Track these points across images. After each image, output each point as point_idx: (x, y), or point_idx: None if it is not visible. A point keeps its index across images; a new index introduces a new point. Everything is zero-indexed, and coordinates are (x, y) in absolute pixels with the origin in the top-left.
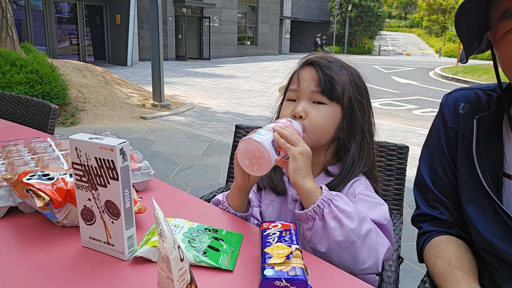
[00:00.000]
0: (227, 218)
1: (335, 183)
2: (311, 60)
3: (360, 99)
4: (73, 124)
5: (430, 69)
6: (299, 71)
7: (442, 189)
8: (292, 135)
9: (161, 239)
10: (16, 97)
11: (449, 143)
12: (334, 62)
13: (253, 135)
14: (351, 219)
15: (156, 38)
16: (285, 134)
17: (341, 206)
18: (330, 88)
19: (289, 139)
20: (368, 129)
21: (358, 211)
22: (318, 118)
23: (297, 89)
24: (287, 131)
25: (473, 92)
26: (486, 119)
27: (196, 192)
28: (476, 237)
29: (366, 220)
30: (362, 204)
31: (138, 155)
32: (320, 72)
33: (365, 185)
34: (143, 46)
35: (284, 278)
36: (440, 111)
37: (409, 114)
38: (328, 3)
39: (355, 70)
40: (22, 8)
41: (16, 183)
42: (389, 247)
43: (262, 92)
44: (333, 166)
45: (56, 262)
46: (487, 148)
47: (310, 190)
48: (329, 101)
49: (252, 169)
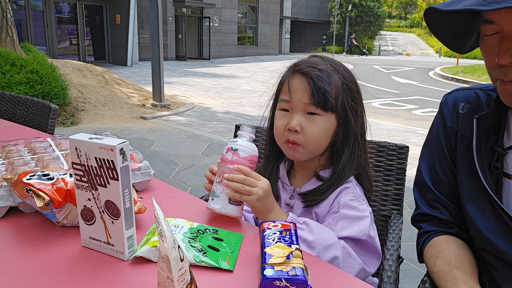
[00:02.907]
0: (227, 218)
1: (324, 187)
2: (302, 69)
3: (354, 105)
4: (73, 124)
5: (430, 69)
6: (289, 80)
7: (442, 189)
8: (242, 187)
9: (161, 239)
10: (16, 97)
11: (448, 143)
12: (325, 69)
13: (211, 200)
14: (312, 248)
15: (156, 38)
16: (235, 188)
17: (303, 236)
18: (323, 101)
19: (241, 192)
20: (361, 131)
21: (322, 239)
22: (314, 132)
23: (289, 100)
24: (236, 184)
25: (473, 92)
26: (486, 119)
27: (196, 192)
28: (476, 236)
29: (332, 247)
30: (342, 222)
31: (138, 155)
32: (312, 84)
33: (353, 193)
34: (143, 46)
35: (284, 278)
36: (439, 111)
37: (409, 114)
38: (328, 3)
39: (346, 70)
40: (22, 8)
41: (16, 183)
42: (361, 269)
43: (262, 92)
44: (325, 170)
45: (56, 262)
46: (487, 148)
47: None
48: (323, 112)
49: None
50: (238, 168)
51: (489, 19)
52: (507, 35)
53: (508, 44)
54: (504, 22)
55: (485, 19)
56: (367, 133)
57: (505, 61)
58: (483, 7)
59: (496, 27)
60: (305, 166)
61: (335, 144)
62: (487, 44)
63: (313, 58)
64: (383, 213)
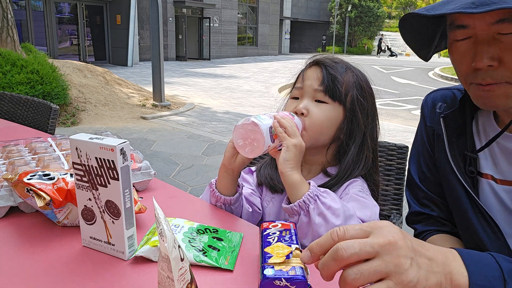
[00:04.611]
0: (227, 218)
1: (330, 184)
2: (317, 59)
3: (363, 102)
4: (73, 124)
5: (429, 69)
6: (305, 70)
7: (430, 187)
8: (291, 127)
9: (161, 239)
10: (16, 97)
11: (430, 142)
12: (340, 63)
13: (254, 117)
14: (336, 216)
15: (157, 38)
16: (284, 124)
17: (328, 203)
18: (332, 88)
19: (287, 130)
20: (371, 133)
21: (345, 208)
22: (318, 116)
23: (301, 87)
24: (287, 122)
25: (451, 91)
26: (451, 118)
27: (196, 192)
28: (460, 228)
29: (353, 218)
30: (353, 203)
31: (138, 155)
32: (324, 71)
33: (361, 187)
34: (144, 46)
35: (284, 278)
36: (421, 111)
37: (409, 114)
38: (328, 3)
39: (362, 73)
40: (23, 8)
41: (17, 183)
42: None
43: (262, 92)
44: (332, 167)
45: (57, 262)
46: (459, 147)
47: (295, 183)
48: (331, 101)
49: (244, 150)
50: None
51: (463, 24)
52: (482, 38)
53: (484, 48)
54: (479, 26)
55: (457, 24)
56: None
57: (482, 64)
58: (473, 9)
59: (469, 32)
60: (312, 161)
61: (341, 139)
62: (458, 49)
63: (331, 55)
64: (383, 213)
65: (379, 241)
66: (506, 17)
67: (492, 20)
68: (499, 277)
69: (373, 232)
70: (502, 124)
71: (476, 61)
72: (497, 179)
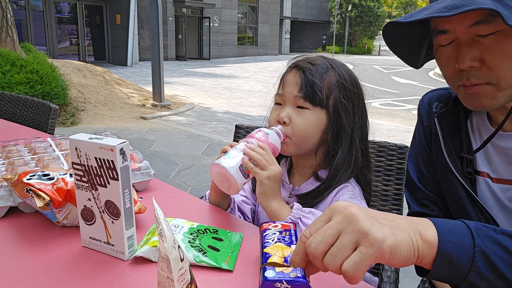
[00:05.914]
0: (227, 218)
1: (321, 189)
2: (296, 63)
3: (346, 104)
4: (73, 124)
5: (430, 69)
6: (285, 75)
7: (429, 186)
8: (261, 159)
9: (161, 239)
10: (16, 97)
11: (427, 142)
12: (320, 64)
13: (223, 158)
14: None
15: (156, 38)
16: (254, 158)
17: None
18: (311, 94)
19: (258, 162)
20: (360, 132)
21: None
22: (301, 125)
23: (282, 94)
24: (257, 154)
25: (447, 91)
26: (446, 116)
27: (196, 192)
28: None
29: None
30: None
31: (138, 155)
32: (303, 76)
33: (352, 192)
34: (143, 46)
35: (285, 280)
36: (418, 111)
37: (409, 114)
38: (328, 3)
39: (347, 71)
40: (22, 8)
41: (16, 183)
42: None
43: (262, 92)
44: (323, 170)
45: (56, 262)
46: (455, 146)
47: (274, 211)
48: (312, 106)
49: (223, 187)
50: (263, 146)
51: (443, 29)
52: (463, 41)
53: (466, 50)
54: (458, 29)
55: (439, 30)
56: (371, 136)
57: (465, 65)
58: (445, 13)
59: (451, 36)
60: (303, 165)
61: (328, 141)
62: (443, 54)
63: (314, 55)
64: None
65: (336, 220)
66: (481, 18)
67: (469, 23)
68: (467, 233)
69: (332, 215)
70: (495, 123)
71: (458, 62)
72: (493, 178)
